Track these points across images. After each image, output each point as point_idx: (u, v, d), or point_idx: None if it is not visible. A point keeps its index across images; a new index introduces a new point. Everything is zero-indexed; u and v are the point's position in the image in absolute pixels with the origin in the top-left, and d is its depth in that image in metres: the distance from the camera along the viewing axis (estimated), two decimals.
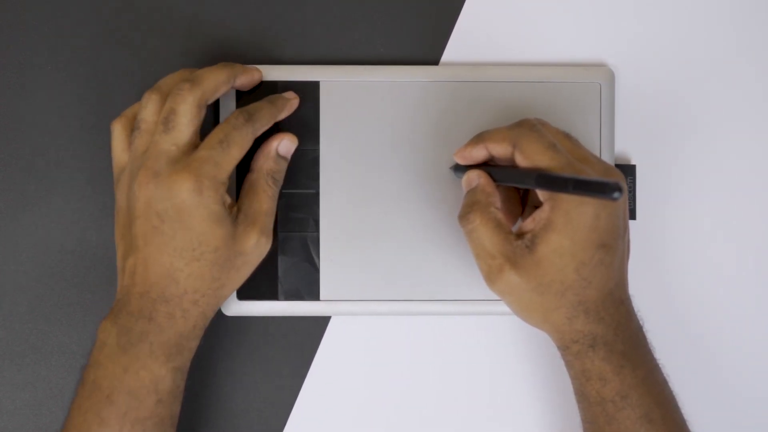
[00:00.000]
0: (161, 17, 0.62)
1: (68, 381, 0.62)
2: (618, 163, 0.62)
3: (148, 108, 0.54)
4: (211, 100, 0.54)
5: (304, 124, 0.60)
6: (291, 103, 0.59)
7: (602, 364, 0.53)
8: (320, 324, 0.63)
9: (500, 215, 0.53)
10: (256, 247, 0.54)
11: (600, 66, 0.62)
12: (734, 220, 0.63)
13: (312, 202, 0.60)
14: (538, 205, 0.55)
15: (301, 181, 0.60)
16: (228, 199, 0.53)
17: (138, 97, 0.62)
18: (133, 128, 0.55)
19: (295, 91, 0.60)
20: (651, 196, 0.63)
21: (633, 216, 0.61)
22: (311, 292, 0.60)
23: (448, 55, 0.62)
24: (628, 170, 0.61)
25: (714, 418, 0.63)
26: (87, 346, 0.62)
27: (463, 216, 0.54)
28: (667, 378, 0.55)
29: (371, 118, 0.60)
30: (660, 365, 0.55)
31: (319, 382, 0.63)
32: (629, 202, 0.61)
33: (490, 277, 0.53)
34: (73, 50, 0.62)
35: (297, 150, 0.60)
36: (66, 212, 0.62)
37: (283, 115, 0.58)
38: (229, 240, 0.53)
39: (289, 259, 0.60)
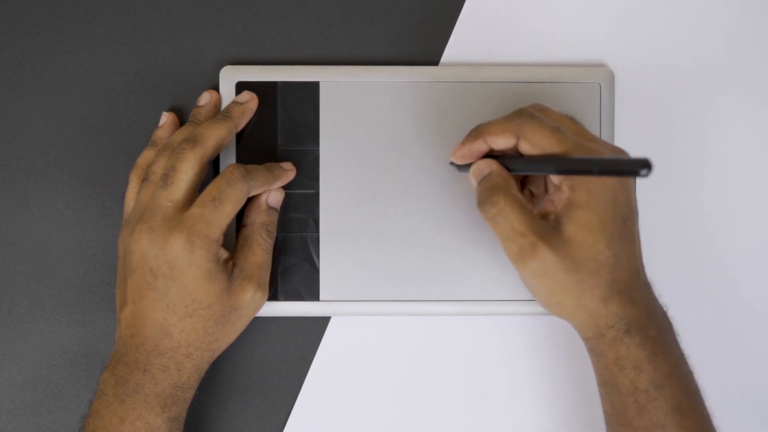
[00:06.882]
0: (161, 17, 0.62)
1: (68, 381, 0.62)
2: None
3: (159, 163, 0.55)
4: (212, 158, 0.56)
5: (304, 124, 0.60)
6: (287, 174, 0.59)
7: (638, 350, 0.52)
8: (320, 324, 0.63)
9: (521, 197, 0.52)
10: (251, 301, 0.55)
11: (600, 66, 0.62)
12: (734, 219, 0.63)
13: (312, 202, 0.60)
14: (537, 192, 0.55)
15: (301, 181, 0.60)
16: (223, 255, 0.54)
17: (138, 99, 0.62)
18: (143, 178, 0.56)
19: (295, 91, 0.60)
20: (651, 195, 0.63)
21: None
22: (311, 293, 0.60)
23: (448, 55, 0.62)
24: None
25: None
26: (87, 346, 0.62)
27: (485, 201, 0.52)
28: (693, 369, 0.55)
29: (371, 118, 0.60)
30: (686, 354, 0.55)
31: (319, 382, 0.63)
32: None
33: (523, 257, 0.51)
34: (73, 50, 0.62)
35: (297, 150, 0.60)
36: (66, 212, 0.62)
37: (277, 184, 0.58)
38: (223, 296, 0.54)
39: (289, 260, 0.60)
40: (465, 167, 0.56)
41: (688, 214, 0.63)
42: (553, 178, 0.52)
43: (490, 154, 0.55)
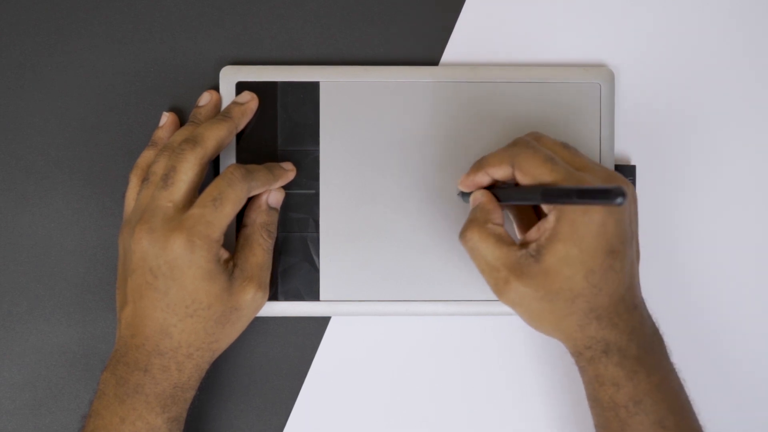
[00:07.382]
0: (161, 17, 0.62)
1: (68, 381, 0.62)
2: (618, 163, 0.62)
3: (159, 163, 0.55)
4: (212, 158, 0.56)
5: (304, 124, 0.60)
6: (288, 174, 0.59)
7: (616, 369, 0.52)
8: (320, 324, 0.63)
9: (500, 230, 0.53)
10: (252, 301, 0.55)
11: (600, 66, 0.62)
12: (735, 220, 0.63)
13: (312, 203, 0.60)
14: None
15: (301, 181, 0.60)
16: (224, 255, 0.54)
17: (138, 99, 0.62)
18: (143, 178, 0.56)
19: (295, 91, 0.60)
20: (651, 196, 0.63)
21: None
22: (311, 293, 0.60)
23: (448, 55, 0.62)
24: (628, 170, 0.61)
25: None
26: (87, 346, 0.62)
27: (461, 234, 0.54)
28: (683, 382, 0.55)
29: (371, 118, 0.60)
30: (676, 369, 0.55)
31: (319, 382, 0.63)
32: None
33: (498, 290, 0.53)
34: (73, 50, 0.62)
35: (297, 150, 0.60)
36: (66, 212, 0.62)
37: (277, 185, 0.58)
38: (224, 296, 0.54)
39: (289, 260, 0.60)
40: (467, 197, 0.57)
41: (686, 213, 0.63)
42: (544, 207, 0.52)
43: (492, 185, 0.56)
